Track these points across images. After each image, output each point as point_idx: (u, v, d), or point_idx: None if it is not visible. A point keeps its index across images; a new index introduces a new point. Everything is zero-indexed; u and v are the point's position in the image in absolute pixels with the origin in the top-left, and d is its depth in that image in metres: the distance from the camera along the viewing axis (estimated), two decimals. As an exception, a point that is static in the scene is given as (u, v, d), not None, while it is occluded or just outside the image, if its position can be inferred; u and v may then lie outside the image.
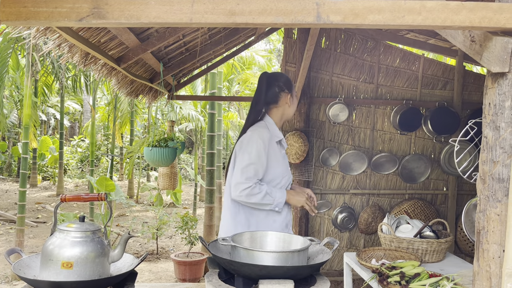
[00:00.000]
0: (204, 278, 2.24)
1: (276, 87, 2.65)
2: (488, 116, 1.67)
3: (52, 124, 22.09)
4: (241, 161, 2.47)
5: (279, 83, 2.66)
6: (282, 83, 2.66)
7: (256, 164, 2.45)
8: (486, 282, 1.66)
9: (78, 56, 3.12)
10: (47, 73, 10.37)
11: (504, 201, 1.61)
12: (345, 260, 3.43)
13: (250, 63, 12.05)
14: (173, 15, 1.45)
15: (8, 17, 1.42)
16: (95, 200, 2.19)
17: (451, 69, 5.09)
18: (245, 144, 2.51)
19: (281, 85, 2.66)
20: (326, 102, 4.98)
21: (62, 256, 1.98)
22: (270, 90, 2.64)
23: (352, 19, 1.48)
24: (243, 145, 2.52)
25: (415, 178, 5.06)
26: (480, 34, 1.64)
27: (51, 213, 10.05)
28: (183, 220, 5.95)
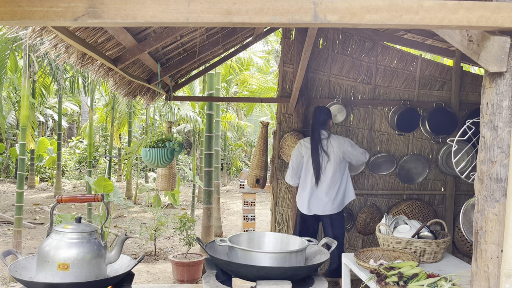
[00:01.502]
0: (202, 279, 2.23)
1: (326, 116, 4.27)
2: (486, 116, 1.67)
3: (50, 125, 22.05)
4: (352, 146, 4.19)
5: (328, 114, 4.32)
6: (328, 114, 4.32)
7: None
8: (484, 282, 1.66)
9: (74, 56, 3.11)
10: (45, 74, 10.35)
11: (502, 201, 1.61)
12: (343, 261, 3.43)
13: (248, 64, 12.04)
14: (169, 14, 1.44)
15: (3, 16, 1.41)
16: (91, 201, 2.18)
17: (448, 69, 5.09)
18: (347, 140, 4.21)
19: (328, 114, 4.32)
20: (324, 102, 4.97)
21: (58, 258, 1.97)
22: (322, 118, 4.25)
23: (349, 19, 1.47)
24: (347, 140, 4.20)
25: (413, 178, 5.06)
26: (478, 33, 1.63)
27: (48, 214, 10.03)
28: (181, 221, 5.94)
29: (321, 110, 4.25)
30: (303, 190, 4.23)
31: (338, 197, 4.13)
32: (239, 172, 15.88)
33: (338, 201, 4.14)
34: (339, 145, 4.12)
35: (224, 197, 12.95)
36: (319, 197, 4.12)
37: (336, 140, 4.16)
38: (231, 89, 13.50)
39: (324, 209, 4.12)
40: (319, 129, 4.17)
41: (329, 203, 4.11)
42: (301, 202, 4.23)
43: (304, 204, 4.20)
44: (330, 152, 4.11)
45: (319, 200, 4.12)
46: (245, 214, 7.51)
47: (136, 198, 12.28)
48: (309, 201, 4.15)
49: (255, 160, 5.03)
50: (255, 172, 4.99)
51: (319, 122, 4.18)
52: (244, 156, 20.04)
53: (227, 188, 15.67)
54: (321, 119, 4.19)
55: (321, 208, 4.12)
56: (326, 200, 4.10)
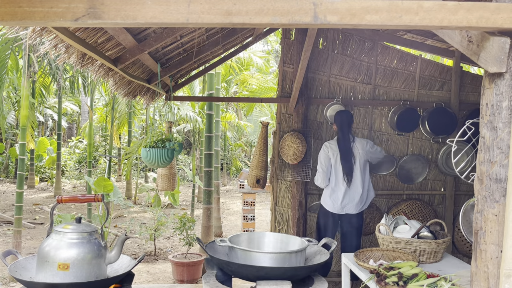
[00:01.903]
0: (202, 279, 2.23)
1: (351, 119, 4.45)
2: (485, 117, 1.67)
3: (50, 125, 22.04)
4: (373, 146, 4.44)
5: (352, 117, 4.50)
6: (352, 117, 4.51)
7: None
8: (484, 282, 1.66)
9: (75, 56, 3.11)
10: (45, 74, 10.35)
11: (501, 201, 1.61)
12: (343, 261, 3.43)
13: (248, 64, 12.04)
14: (169, 15, 1.44)
15: (3, 17, 1.41)
16: (91, 201, 2.18)
17: (448, 69, 5.09)
18: (367, 140, 4.45)
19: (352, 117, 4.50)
20: (324, 102, 4.97)
21: (59, 258, 1.97)
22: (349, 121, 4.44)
23: (349, 19, 1.47)
24: (367, 141, 4.44)
25: (413, 178, 5.06)
26: (477, 34, 1.64)
27: (48, 214, 10.03)
28: (181, 221, 5.94)
29: (347, 114, 4.44)
30: (335, 191, 4.39)
31: (365, 195, 4.39)
32: (239, 172, 15.88)
33: (365, 199, 4.40)
34: (363, 147, 4.35)
35: (224, 197, 12.95)
36: (352, 196, 4.33)
37: (359, 142, 4.38)
38: (231, 89, 13.50)
39: (356, 208, 4.35)
40: (348, 132, 4.37)
41: (360, 202, 4.34)
42: (333, 202, 4.39)
43: (337, 203, 4.37)
44: (356, 154, 4.33)
45: (352, 200, 4.33)
46: (245, 214, 7.52)
47: (136, 198, 12.28)
48: (342, 201, 4.34)
49: (255, 160, 5.03)
50: (255, 172, 4.99)
51: (346, 125, 4.37)
52: (244, 156, 20.04)
53: (227, 188, 15.67)
54: (347, 122, 4.39)
55: (353, 207, 4.34)
56: (358, 199, 4.32)
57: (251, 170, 5.04)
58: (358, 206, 4.34)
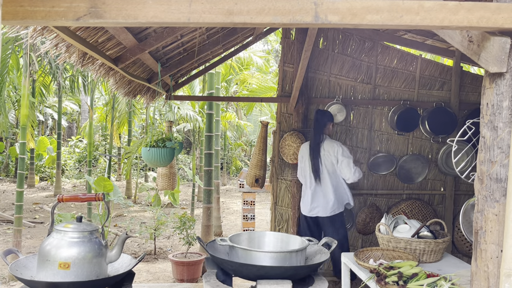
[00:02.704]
0: (202, 279, 2.24)
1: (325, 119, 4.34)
2: (486, 116, 1.67)
3: (50, 124, 22.04)
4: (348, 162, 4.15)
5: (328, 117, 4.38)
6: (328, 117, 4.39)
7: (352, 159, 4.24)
8: (484, 282, 1.66)
9: (75, 56, 3.11)
10: (45, 73, 10.35)
11: (502, 201, 1.61)
12: (343, 260, 3.43)
13: (248, 63, 12.04)
14: (170, 14, 1.45)
15: (5, 16, 1.41)
16: (92, 200, 2.19)
17: (448, 69, 5.10)
18: (341, 149, 4.19)
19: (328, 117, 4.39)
20: (324, 102, 4.98)
21: (59, 257, 1.97)
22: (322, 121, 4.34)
23: (350, 19, 1.48)
24: (341, 149, 4.18)
25: (413, 178, 5.07)
26: (478, 34, 1.64)
27: (48, 213, 10.03)
28: (181, 220, 5.94)
29: (323, 113, 4.38)
30: (304, 193, 4.39)
31: (335, 199, 4.22)
32: (239, 171, 15.88)
33: (336, 202, 4.23)
34: (331, 149, 4.22)
35: (223, 197, 12.95)
36: (320, 198, 4.24)
37: (328, 143, 4.26)
38: (231, 88, 13.50)
39: (325, 211, 4.22)
40: (319, 132, 4.30)
41: (331, 204, 4.20)
42: (304, 205, 4.38)
43: (306, 206, 4.34)
44: (323, 155, 4.24)
45: (320, 202, 4.23)
46: (244, 214, 7.52)
47: (136, 198, 12.28)
48: (311, 203, 4.28)
49: (255, 159, 5.03)
50: (254, 172, 5.00)
51: (319, 125, 4.32)
52: (244, 155, 20.04)
53: (226, 187, 15.67)
54: (322, 122, 4.32)
55: (322, 210, 4.23)
56: (327, 202, 4.21)
57: (250, 169, 5.04)
58: (327, 209, 4.20)
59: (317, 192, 4.24)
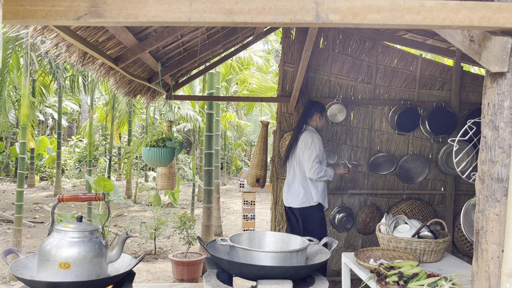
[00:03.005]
0: (202, 279, 2.23)
1: (313, 109, 4.23)
2: (487, 116, 1.67)
3: (50, 124, 22.04)
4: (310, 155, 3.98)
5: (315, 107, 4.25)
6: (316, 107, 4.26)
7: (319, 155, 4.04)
8: (485, 282, 1.66)
9: (75, 55, 3.11)
10: (45, 73, 10.35)
11: (503, 201, 1.61)
12: (343, 260, 3.43)
13: (248, 63, 12.04)
14: (171, 14, 1.44)
15: (5, 15, 1.41)
16: (92, 200, 2.18)
17: (448, 69, 5.09)
18: (311, 140, 4.03)
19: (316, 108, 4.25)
20: (324, 102, 4.97)
21: (60, 257, 1.97)
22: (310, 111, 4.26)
23: (351, 19, 1.47)
24: (310, 140, 4.01)
25: (413, 178, 5.06)
26: (479, 33, 1.64)
27: (48, 213, 10.03)
28: (181, 220, 5.94)
29: (312, 104, 4.33)
30: (285, 183, 4.40)
31: (304, 191, 4.13)
32: (239, 171, 15.88)
33: (305, 195, 4.13)
34: (303, 140, 4.13)
35: (224, 197, 12.95)
36: (292, 188, 4.23)
37: (305, 134, 4.15)
38: (231, 88, 13.49)
39: (295, 201, 4.17)
40: (302, 123, 4.28)
41: (299, 195, 4.15)
42: (283, 193, 4.41)
43: (284, 195, 4.37)
44: (298, 145, 4.18)
45: (291, 192, 4.23)
46: (245, 214, 7.52)
47: (136, 197, 12.28)
48: (286, 193, 4.31)
49: (255, 159, 5.03)
50: (255, 172, 4.99)
51: (304, 115, 4.30)
52: (244, 155, 20.04)
53: (227, 187, 15.67)
54: (308, 111, 4.28)
55: (293, 200, 4.19)
56: (295, 192, 4.17)
57: (251, 169, 5.03)
58: (297, 200, 4.14)
59: (288, 182, 4.25)
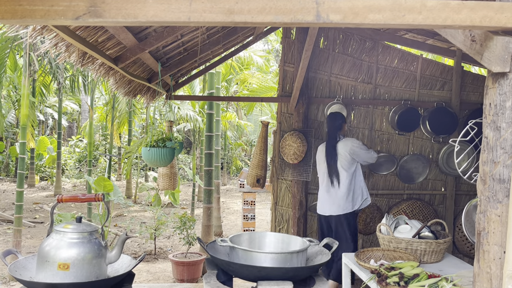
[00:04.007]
0: (202, 279, 2.22)
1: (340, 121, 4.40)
2: (488, 116, 1.66)
3: (50, 124, 22.03)
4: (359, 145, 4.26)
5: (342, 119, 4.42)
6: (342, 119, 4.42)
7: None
8: (486, 283, 1.65)
9: (75, 55, 3.10)
10: (45, 73, 10.34)
11: (505, 202, 1.60)
12: (344, 261, 3.42)
13: (248, 63, 12.03)
14: (171, 13, 1.43)
15: (4, 15, 1.40)
16: (92, 200, 2.17)
17: (449, 69, 5.08)
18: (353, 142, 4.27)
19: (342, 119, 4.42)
20: (325, 102, 4.97)
21: (59, 257, 1.96)
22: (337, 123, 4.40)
23: (352, 18, 1.46)
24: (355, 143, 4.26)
25: (413, 178, 5.05)
26: (481, 33, 1.63)
27: (48, 213, 10.02)
28: (181, 220, 5.93)
29: (336, 117, 4.40)
30: (321, 193, 4.42)
31: (351, 197, 4.26)
32: (239, 171, 15.87)
33: (351, 200, 4.26)
34: (345, 146, 4.25)
35: (224, 197, 12.94)
36: (334, 198, 4.27)
37: (343, 142, 4.30)
38: (231, 88, 13.48)
39: (338, 209, 4.24)
40: (334, 134, 4.35)
41: (343, 203, 4.23)
42: (320, 204, 4.41)
43: (321, 205, 4.38)
44: (339, 154, 4.26)
45: (334, 201, 4.26)
46: (245, 214, 7.51)
47: (136, 197, 12.27)
48: (325, 203, 4.32)
49: (256, 159, 5.02)
50: (255, 172, 4.98)
51: (333, 127, 4.36)
52: (244, 155, 20.03)
53: (227, 187, 15.66)
54: (336, 124, 4.36)
55: (335, 208, 4.25)
56: (340, 201, 4.24)
57: (251, 169, 5.02)
58: (340, 208, 4.22)
59: (331, 192, 4.28)
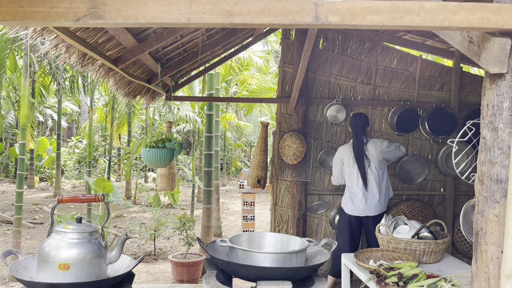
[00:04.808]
0: (202, 279, 2.23)
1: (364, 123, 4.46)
2: (486, 117, 1.67)
3: (50, 125, 22.02)
4: (389, 145, 4.40)
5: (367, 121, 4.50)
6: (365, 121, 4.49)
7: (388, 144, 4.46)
8: (484, 283, 1.66)
9: (75, 56, 3.11)
10: (45, 74, 10.34)
11: (502, 202, 1.61)
12: (343, 261, 3.43)
13: (248, 64, 12.04)
14: (171, 15, 1.44)
15: (5, 17, 1.41)
16: (92, 201, 2.18)
17: (448, 70, 5.10)
18: (382, 141, 4.41)
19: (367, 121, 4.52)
20: (324, 103, 4.98)
21: (59, 258, 1.97)
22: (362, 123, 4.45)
23: (351, 20, 1.47)
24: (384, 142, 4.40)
25: (413, 179, 5.06)
26: (478, 35, 1.64)
27: (48, 214, 10.02)
28: (180, 221, 5.93)
29: (361, 117, 4.45)
30: (354, 195, 4.40)
31: (384, 196, 4.37)
32: (239, 172, 15.87)
33: (384, 199, 4.37)
34: (376, 147, 4.33)
35: (223, 197, 12.94)
36: (371, 199, 4.32)
37: (372, 143, 4.36)
38: (231, 89, 13.49)
39: (375, 210, 4.32)
40: (361, 135, 4.38)
41: (379, 203, 4.32)
42: (355, 206, 4.39)
43: (358, 207, 4.37)
44: (370, 155, 4.32)
45: (371, 202, 4.32)
46: (244, 214, 7.51)
47: (136, 198, 12.27)
48: (364, 204, 4.34)
49: (256, 160, 5.03)
50: (256, 173, 4.99)
51: (360, 128, 4.39)
52: (244, 156, 20.04)
53: (226, 188, 15.66)
54: (361, 125, 4.40)
55: (373, 209, 4.32)
56: (376, 201, 4.31)
57: (252, 170, 5.03)
58: (377, 208, 4.32)
59: (365, 194, 4.33)
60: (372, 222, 4.31)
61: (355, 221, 4.41)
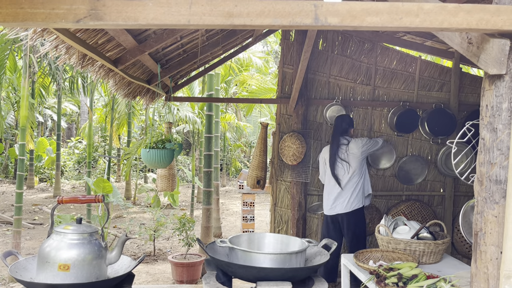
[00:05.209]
0: (202, 280, 2.24)
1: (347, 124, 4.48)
2: (485, 118, 1.67)
3: (49, 125, 22.01)
4: (367, 141, 4.38)
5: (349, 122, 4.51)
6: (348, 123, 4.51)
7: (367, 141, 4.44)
8: (483, 284, 1.66)
9: (75, 57, 3.11)
10: (44, 74, 10.34)
11: (501, 202, 1.61)
12: (343, 262, 3.43)
13: (247, 64, 12.05)
14: (171, 16, 1.44)
15: (5, 18, 1.41)
16: (92, 202, 2.19)
17: (447, 71, 5.10)
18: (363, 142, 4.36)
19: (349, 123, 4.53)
20: (324, 103, 4.98)
21: (59, 258, 1.97)
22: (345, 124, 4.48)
23: (350, 21, 1.48)
24: (363, 140, 4.39)
25: (412, 179, 5.07)
26: (477, 36, 1.64)
27: (48, 214, 10.02)
28: (180, 221, 5.94)
29: (342, 119, 4.48)
30: (328, 193, 4.47)
31: (358, 193, 4.36)
32: (238, 172, 15.87)
33: (359, 197, 4.37)
34: (357, 146, 4.34)
35: (223, 198, 12.94)
36: (343, 197, 4.36)
37: (354, 143, 4.38)
38: (231, 89, 13.50)
39: (346, 207, 4.34)
40: (338, 138, 4.41)
41: (351, 201, 4.34)
42: (326, 204, 4.48)
43: (328, 205, 4.44)
44: (351, 155, 4.34)
45: (343, 200, 4.35)
46: (244, 215, 7.52)
47: (135, 199, 12.27)
48: (333, 203, 4.40)
49: (256, 161, 5.03)
50: (256, 173, 4.99)
51: (339, 131, 4.43)
52: (243, 156, 20.04)
53: (226, 188, 15.66)
54: (341, 128, 4.43)
55: (343, 206, 4.34)
56: (347, 199, 4.33)
57: (252, 171, 5.03)
58: (352, 204, 4.33)
59: (338, 192, 4.37)
60: (346, 219, 4.34)
61: (331, 221, 4.45)
